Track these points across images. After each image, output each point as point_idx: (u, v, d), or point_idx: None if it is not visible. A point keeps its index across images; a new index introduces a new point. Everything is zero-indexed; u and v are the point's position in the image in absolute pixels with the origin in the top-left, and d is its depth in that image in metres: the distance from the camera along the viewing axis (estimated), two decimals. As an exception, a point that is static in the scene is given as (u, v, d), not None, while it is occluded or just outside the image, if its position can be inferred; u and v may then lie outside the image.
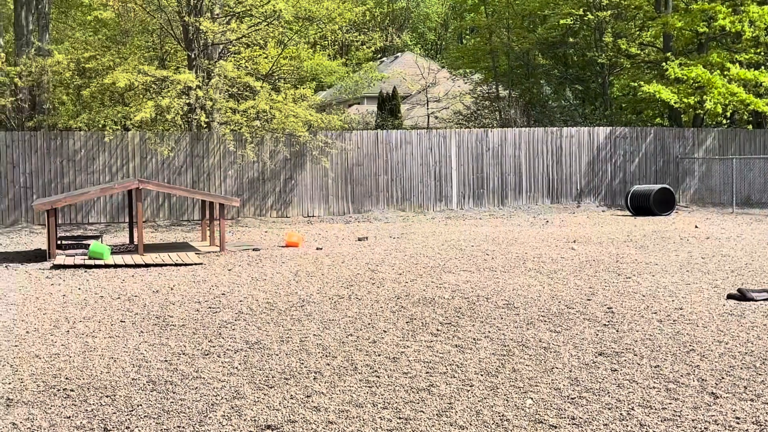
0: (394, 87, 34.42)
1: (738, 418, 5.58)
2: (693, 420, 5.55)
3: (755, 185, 28.14)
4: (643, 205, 23.87)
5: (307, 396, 6.25)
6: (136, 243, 16.31)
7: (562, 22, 30.47)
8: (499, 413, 5.77)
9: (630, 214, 24.33)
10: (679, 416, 5.63)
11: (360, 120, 32.98)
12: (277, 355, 7.57)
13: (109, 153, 22.33)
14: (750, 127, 29.65)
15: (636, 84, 28.68)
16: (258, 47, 25.89)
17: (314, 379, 6.73)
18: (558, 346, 7.72)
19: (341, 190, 24.13)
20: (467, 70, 35.53)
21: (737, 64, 27.82)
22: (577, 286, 11.25)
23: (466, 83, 35.16)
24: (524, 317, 9.12)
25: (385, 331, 8.49)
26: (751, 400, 5.97)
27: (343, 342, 8.04)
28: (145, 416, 5.85)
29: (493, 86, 33.96)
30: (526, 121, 31.49)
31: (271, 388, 6.49)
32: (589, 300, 10.15)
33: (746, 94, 26.58)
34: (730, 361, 7.09)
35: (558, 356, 7.35)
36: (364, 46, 30.20)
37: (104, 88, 22.77)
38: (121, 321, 9.27)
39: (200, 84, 22.14)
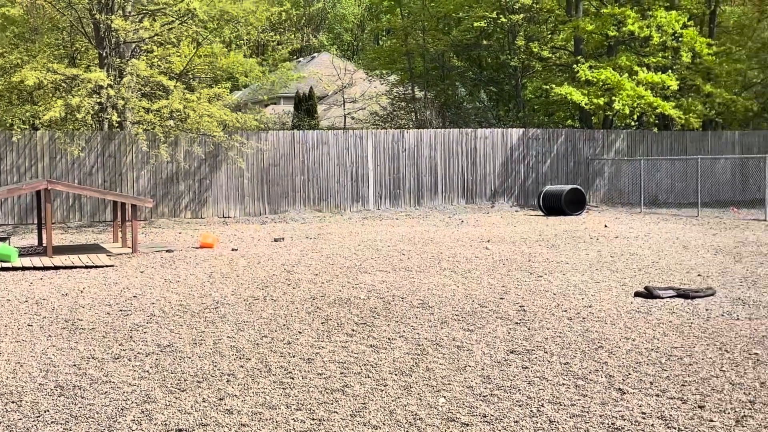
0: (311, 87, 34.34)
1: (644, 413, 5.73)
2: (601, 416, 5.68)
3: (662, 185, 28.97)
4: (555, 205, 24.33)
5: (220, 399, 6.20)
6: (45, 245, 15.91)
7: (476, 24, 30.84)
8: (412, 412, 5.81)
9: (542, 213, 24.77)
10: (587, 412, 5.76)
11: (276, 120, 32.82)
12: (189, 358, 7.48)
13: (17, 153, 21.73)
14: (656, 129, 30.48)
15: (548, 86, 29.23)
16: (171, 45, 25.53)
17: (227, 381, 6.67)
18: (471, 345, 7.81)
19: (257, 191, 23.97)
20: (383, 71, 35.69)
21: (645, 68, 28.57)
22: (490, 285, 11.41)
23: (382, 84, 35.30)
24: (439, 317, 9.20)
25: (300, 332, 8.47)
26: (657, 395, 6.14)
27: (257, 344, 7.99)
28: (52, 422, 5.71)
29: (409, 87, 34.18)
30: (442, 122, 31.78)
31: (182, 391, 6.41)
32: (501, 299, 10.29)
33: (653, 97, 27.33)
34: (637, 357, 7.28)
35: (471, 355, 7.44)
36: (281, 47, 30.04)
37: (12, 87, 22.17)
38: (29, 325, 9.04)
39: (112, 83, 21.71)
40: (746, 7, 34.40)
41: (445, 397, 6.16)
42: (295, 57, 45.62)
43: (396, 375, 6.79)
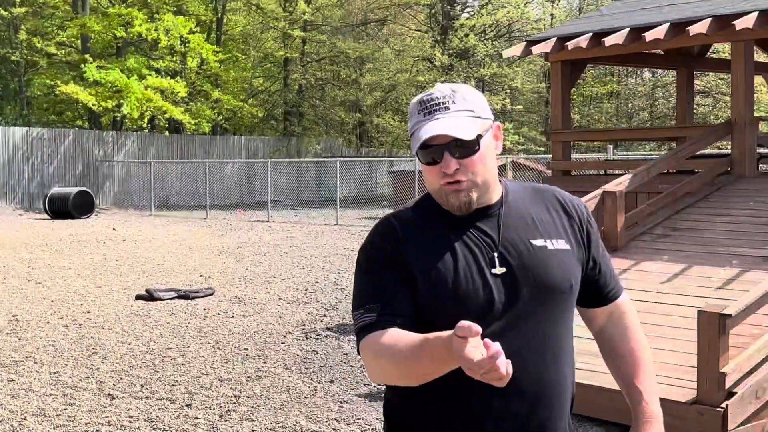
0: None
1: (131, 416, 5.66)
2: (87, 423, 5.51)
3: (173, 188, 29.39)
4: (62, 209, 23.39)
5: None
6: None
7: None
8: None
9: (49, 217, 23.69)
10: (73, 421, 5.55)
11: None
12: None
13: None
14: (168, 132, 30.87)
15: (54, 83, 28.12)
16: None
17: None
18: (-49, 362, 7.14)
19: None
20: None
21: (155, 72, 28.74)
22: (-19, 295, 10.58)
23: None
24: None
25: None
26: (147, 397, 6.11)
27: None
28: None
29: None
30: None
31: None
32: (-7, 309, 9.60)
33: (163, 101, 27.59)
34: (131, 361, 7.21)
35: (-51, 372, 6.79)
36: None
37: None
38: None
39: None
40: (251, 17, 36.28)
41: None
42: None
43: None
